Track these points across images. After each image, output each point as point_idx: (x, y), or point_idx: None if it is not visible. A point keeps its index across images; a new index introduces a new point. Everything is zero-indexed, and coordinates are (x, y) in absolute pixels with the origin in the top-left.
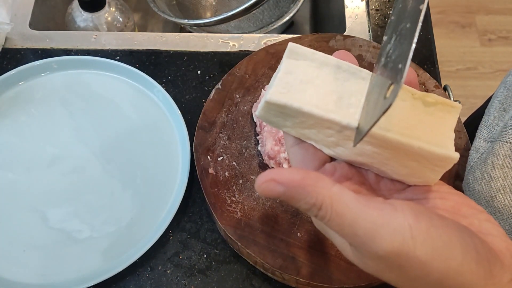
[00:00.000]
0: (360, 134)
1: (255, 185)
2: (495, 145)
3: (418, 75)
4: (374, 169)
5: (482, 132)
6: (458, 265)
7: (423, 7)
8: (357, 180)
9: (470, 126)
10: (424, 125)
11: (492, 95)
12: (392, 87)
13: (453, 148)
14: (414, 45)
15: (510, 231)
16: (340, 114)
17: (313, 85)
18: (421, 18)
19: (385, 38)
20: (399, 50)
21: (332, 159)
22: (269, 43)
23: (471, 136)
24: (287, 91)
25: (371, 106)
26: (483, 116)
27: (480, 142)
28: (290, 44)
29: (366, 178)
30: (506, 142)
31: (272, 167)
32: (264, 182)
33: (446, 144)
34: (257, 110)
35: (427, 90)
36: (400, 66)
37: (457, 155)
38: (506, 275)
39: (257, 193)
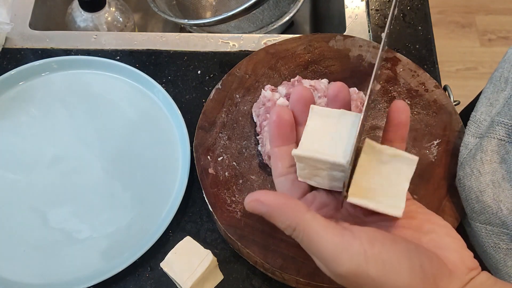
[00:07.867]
0: None
1: (244, 201)
2: (483, 141)
3: (418, 75)
4: None
5: (471, 128)
6: (405, 282)
7: None
8: (333, 206)
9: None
10: (382, 177)
11: (481, 91)
12: None
13: (404, 201)
14: None
15: (500, 225)
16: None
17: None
18: None
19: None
20: None
21: (313, 188)
22: (269, 43)
23: None
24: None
25: None
26: (472, 112)
27: (469, 138)
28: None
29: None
30: (494, 138)
31: None
32: (251, 201)
33: (397, 196)
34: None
35: (427, 90)
36: None
37: (399, 214)
38: (454, 284)
39: None
